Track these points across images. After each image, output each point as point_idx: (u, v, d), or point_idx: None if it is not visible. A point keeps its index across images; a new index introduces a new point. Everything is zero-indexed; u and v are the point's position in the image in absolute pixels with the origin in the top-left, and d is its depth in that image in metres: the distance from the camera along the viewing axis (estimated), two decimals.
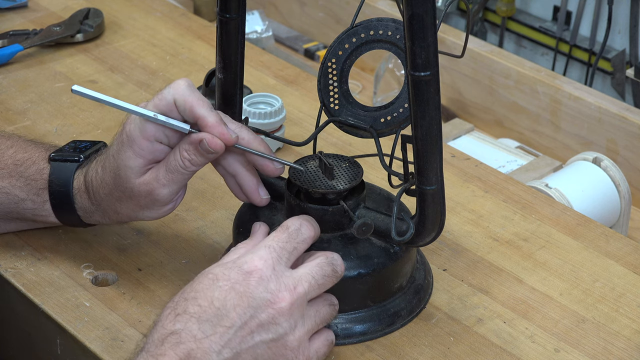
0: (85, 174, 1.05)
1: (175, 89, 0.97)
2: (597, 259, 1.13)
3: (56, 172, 1.06)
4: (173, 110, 0.97)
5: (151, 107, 0.98)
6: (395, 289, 1.03)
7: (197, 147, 0.97)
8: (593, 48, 1.72)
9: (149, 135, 0.98)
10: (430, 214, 0.96)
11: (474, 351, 1.00)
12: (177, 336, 0.86)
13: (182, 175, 0.99)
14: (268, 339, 0.89)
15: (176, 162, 0.98)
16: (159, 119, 0.97)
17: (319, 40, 1.81)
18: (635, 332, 1.03)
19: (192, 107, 0.96)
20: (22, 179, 1.06)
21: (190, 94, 0.97)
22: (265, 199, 1.04)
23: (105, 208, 1.04)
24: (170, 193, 1.00)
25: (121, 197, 1.02)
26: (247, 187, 1.03)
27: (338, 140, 1.31)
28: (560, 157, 1.53)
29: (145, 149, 0.98)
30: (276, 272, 0.90)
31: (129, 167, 0.99)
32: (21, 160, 1.07)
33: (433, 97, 0.90)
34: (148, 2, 1.63)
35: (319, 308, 0.93)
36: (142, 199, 1.01)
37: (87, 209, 1.06)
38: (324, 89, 1.03)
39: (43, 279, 1.08)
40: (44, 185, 1.06)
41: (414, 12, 0.85)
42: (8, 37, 1.49)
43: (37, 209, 1.07)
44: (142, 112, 0.97)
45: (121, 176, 1.00)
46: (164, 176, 0.99)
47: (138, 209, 1.02)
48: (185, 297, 0.89)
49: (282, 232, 0.94)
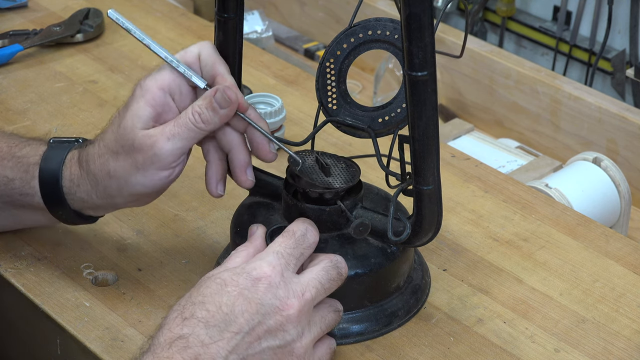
0: (81, 150, 1.04)
1: (202, 45, 1.02)
2: (597, 259, 1.13)
3: (52, 150, 1.05)
4: (195, 64, 1.01)
5: (176, 57, 1.01)
6: (392, 289, 1.03)
7: (211, 101, 0.98)
8: (593, 48, 1.72)
9: (164, 84, 0.99)
10: (427, 214, 0.96)
11: (474, 351, 1.00)
12: (185, 340, 0.86)
13: (189, 131, 0.98)
14: (275, 345, 0.89)
15: (186, 116, 0.98)
16: (181, 66, 1.00)
17: (319, 40, 1.81)
18: (635, 332, 1.03)
19: (214, 63, 1.00)
20: (13, 159, 1.05)
21: (215, 53, 1.01)
22: (250, 181, 1.02)
23: (97, 173, 1.01)
24: (172, 150, 0.98)
25: (119, 153, 0.99)
26: (238, 163, 1.02)
27: (338, 140, 1.31)
28: (560, 157, 1.53)
29: (157, 99, 0.99)
30: (284, 278, 0.90)
31: (137, 115, 0.98)
32: (16, 143, 1.07)
33: (430, 97, 0.90)
34: (148, 2, 1.63)
35: (324, 314, 0.93)
36: (142, 155, 0.98)
37: (74, 179, 1.03)
38: (322, 89, 1.03)
39: (43, 279, 1.08)
40: (36, 161, 1.04)
41: (411, 11, 0.85)
42: (8, 37, 1.49)
43: (24, 187, 1.04)
44: (167, 55, 1.00)
45: (126, 126, 0.99)
46: (170, 129, 0.98)
47: (133, 170, 0.99)
48: (192, 301, 0.89)
49: (289, 238, 0.94)
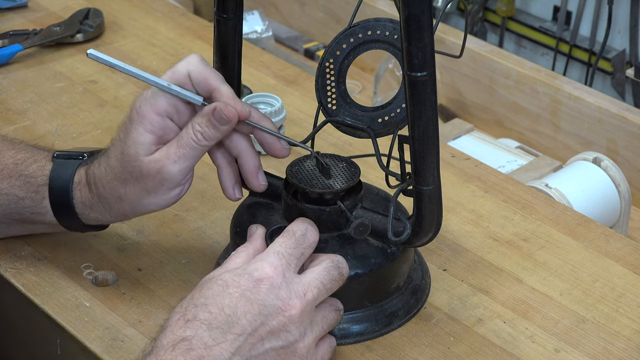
0: (87, 169, 1.03)
1: (189, 62, 0.97)
2: (597, 259, 1.13)
3: (58, 168, 1.05)
4: (187, 84, 0.97)
5: (165, 80, 0.97)
6: (392, 289, 1.03)
7: (210, 119, 0.96)
8: (593, 48, 1.72)
9: (161, 109, 0.97)
10: (427, 214, 0.96)
11: (474, 351, 1.00)
12: (188, 343, 0.86)
13: (193, 150, 0.97)
14: (278, 346, 0.89)
15: (188, 136, 0.97)
16: (173, 89, 0.96)
17: (319, 40, 1.81)
18: (635, 332, 1.03)
19: (207, 79, 0.96)
20: (21, 178, 1.05)
21: (204, 67, 0.97)
22: (263, 185, 1.02)
23: (108, 197, 1.01)
24: (180, 171, 0.98)
25: (127, 180, 0.99)
26: (248, 169, 1.01)
27: (338, 140, 1.31)
28: (560, 157, 1.53)
29: (155, 124, 0.97)
30: (286, 279, 0.90)
31: (138, 143, 0.97)
32: (22, 159, 1.06)
33: (430, 97, 0.90)
34: (148, 2, 1.63)
35: (325, 314, 0.93)
36: (150, 180, 0.98)
37: (86, 202, 1.03)
38: (322, 89, 1.03)
39: (43, 279, 1.08)
40: (44, 182, 1.04)
41: (411, 12, 0.85)
42: (8, 37, 1.49)
43: (35, 207, 1.05)
44: (156, 80, 0.97)
45: (130, 154, 0.98)
46: (174, 152, 0.97)
47: (144, 194, 0.99)
48: (194, 304, 0.89)
49: (289, 238, 0.94)
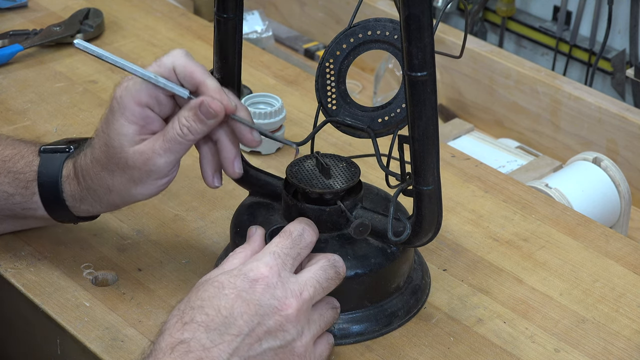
0: (75, 161, 1.03)
1: (174, 56, 0.97)
2: (597, 259, 1.13)
3: (45, 163, 1.04)
4: (172, 77, 0.97)
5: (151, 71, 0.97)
6: (392, 289, 1.03)
7: (197, 113, 0.95)
8: (593, 48, 1.72)
9: (142, 100, 0.97)
10: (427, 214, 0.96)
11: (474, 351, 1.00)
12: (186, 345, 0.86)
13: (179, 144, 0.97)
14: (276, 345, 0.89)
15: (174, 130, 0.96)
16: (160, 81, 0.96)
17: (319, 40, 1.81)
18: (635, 332, 1.03)
19: (192, 73, 0.96)
20: (10, 175, 1.05)
21: (189, 61, 0.97)
22: (237, 173, 1.01)
23: (97, 189, 1.01)
24: (166, 164, 0.98)
25: (114, 171, 0.99)
26: (226, 155, 1.00)
27: (338, 140, 1.31)
28: (560, 157, 1.53)
29: (137, 114, 0.97)
30: (282, 278, 0.90)
31: (122, 134, 0.97)
32: (9, 156, 1.06)
33: (429, 97, 0.90)
34: (148, 2, 1.63)
35: (322, 312, 0.93)
36: (137, 171, 0.98)
37: (76, 195, 1.03)
38: (322, 89, 1.03)
39: (43, 279, 1.08)
40: (33, 177, 1.04)
41: (411, 12, 0.85)
42: (8, 37, 1.49)
43: (26, 202, 1.05)
44: (143, 72, 0.96)
45: (115, 146, 0.98)
46: (160, 146, 0.97)
47: (131, 184, 0.99)
48: (191, 306, 0.89)
49: (286, 238, 0.94)
